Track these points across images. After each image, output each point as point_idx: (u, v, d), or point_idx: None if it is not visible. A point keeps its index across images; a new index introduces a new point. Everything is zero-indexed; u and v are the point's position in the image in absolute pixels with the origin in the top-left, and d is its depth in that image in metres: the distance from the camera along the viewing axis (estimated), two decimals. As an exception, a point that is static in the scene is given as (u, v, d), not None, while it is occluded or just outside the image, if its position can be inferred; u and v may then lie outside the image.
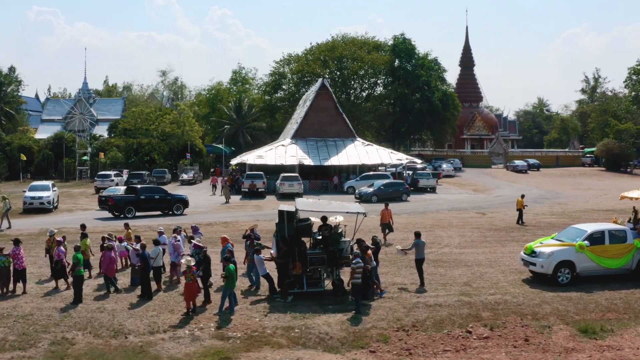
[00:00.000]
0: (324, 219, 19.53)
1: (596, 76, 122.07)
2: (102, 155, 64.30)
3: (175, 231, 20.70)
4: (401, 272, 21.07)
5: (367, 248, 17.97)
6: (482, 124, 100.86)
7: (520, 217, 32.57)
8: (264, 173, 50.46)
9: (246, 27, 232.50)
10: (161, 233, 21.14)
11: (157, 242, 19.24)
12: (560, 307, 17.06)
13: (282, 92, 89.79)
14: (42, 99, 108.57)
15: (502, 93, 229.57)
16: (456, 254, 24.38)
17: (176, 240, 20.16)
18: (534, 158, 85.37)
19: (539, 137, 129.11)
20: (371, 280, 17.72)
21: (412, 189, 50.26)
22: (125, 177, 56.13)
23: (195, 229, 21.94)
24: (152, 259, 18.59)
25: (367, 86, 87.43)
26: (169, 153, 69.34)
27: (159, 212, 36.81)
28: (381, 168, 60.56)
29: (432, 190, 53.25)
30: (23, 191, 40.46)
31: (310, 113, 58.11)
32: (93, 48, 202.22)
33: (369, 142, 60.89)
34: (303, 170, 52.41)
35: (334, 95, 61.24)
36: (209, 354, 13.67)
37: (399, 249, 21.13)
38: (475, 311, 16.65)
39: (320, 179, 55.05)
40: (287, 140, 57.73)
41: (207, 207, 41.44)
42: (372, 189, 45.97)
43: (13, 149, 66.99)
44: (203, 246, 18.55)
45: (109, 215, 35.71)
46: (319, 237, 19.27)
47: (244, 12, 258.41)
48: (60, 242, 19.40)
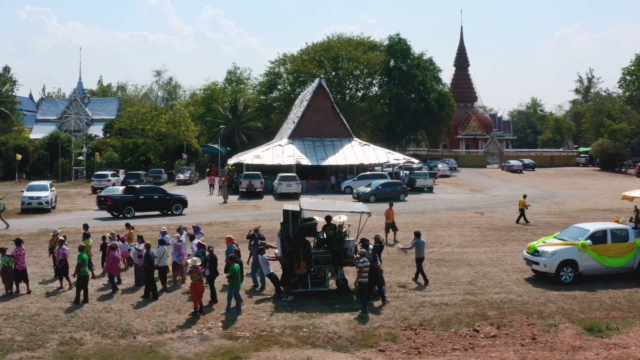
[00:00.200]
0: (328, 218, 19.56)
1: (590, 76, 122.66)
2: (98, 155, 64.03)
3: (178, 231, 20.64)
4: (404, 271, 21.11)
5: (375, 247, 18.10)
6: (477, 124, 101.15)
7: (523, 217, 32.68)
8: (261, 173, 50.43)
9: (238, 27, 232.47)
10: (164, 233, 21.11)
11: (162, 242, 19.22)
12: (565, 305, 17.16)
13: (277, 92, 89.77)
14: (36, 99, 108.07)
15: (496, 93, 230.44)
16: (458, 254, 24.45)
17: (178, 241, 20.15)
18: (529, 158, 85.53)
19: (533, 137, 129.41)
20: (378, 278, 17.76)
21: (409, 188, 50.38)
22: (121, 177, 55.94)
23: (196, 229, 21.92)
24: (157, 258, 18.60)
25: (362, 86, 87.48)
26: (164, 153, 69.14)
27: (157, 212, 36.77)
28: (377, 168, 60.62)
29: (429, 190, 53.33)
30: (21, 191, 40.29)
31: (308, 113, 58.08)
32: (85, 48, 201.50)
33: (365, 142, 60.94)
34: (300, 170, 52.37)
35: (331, 95, 61.25)
36: (219, 353, 13.68)
37: (400, 247, 21.25)
38: (481, 310, 16.72)
39: (318, 179, 55.06)
40: (284, 140, 57.67)
41: (206, 207, 41.37)
42: (370, 188, 46.01)
43: (8, 149, 66.57)
44: (210, 246, 18.55)
45: (107, 215, 35.61)
46: (323, 237, 19.33)
47: (236, 12, 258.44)
48: (62, 242, 19.34)
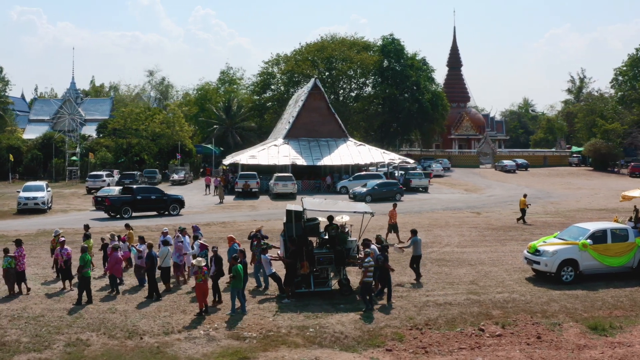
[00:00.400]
0: (331, 218, 19.60)
1: (581, 76, 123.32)
2: (92, 155, 63.81)
3: (182, 231, 20.59)
4: (406, 271, 21.14)
5: (383, 247, 18.31)
6: (470, 124, 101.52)
7: (523, 216, 32.87)
8: (257, 173, 50.39)
9: (229, 27, 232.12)
10: (166, 233, 21.04)
11: (166, 243, 19.17)
12: (568, 305, 17.28)
13: (270, 92, 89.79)
14: (27, 99, 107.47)
15: (488, 93, 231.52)
16: (458, 253, 24.55)
17: (179, 241, 20.11)
18: (522, 158, 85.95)
19: (525, 137, 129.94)
20: (388, 279, 17.83)
21: (405, 188, 50.49)
22: (116, 177, 55.73)
23: (195, 229, 21.90)
24: (160, 258, 18.59)
25: (356, 86, 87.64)
26: (158, 153, 68.95)
27: (155, 213, 36.67)
28: (372, 168, 60.72)
29: (425, 190, 53.52)
30: (17, 191, 40.10)
31: (303, 113, 58.10)
32: (76, 48, 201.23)
33: (361, 142, 61.02)
34: (295, 171, 52.39)
35: (326, 95, 61.28)
36: (227, 354, 13.68)
37: (397, 246, 21.33)
38: (486, 309, 16.81)
39: (313, 179, 55.10)
40: (279, 140, 57.65)
41: (202, 207, 41.32)
42: (366, 189, 46.11)
43: (1, 149, 66.20)
44: (214, 246, 18.56)
45: (104, 215, 35.49)
46: (326, 237, 19.37)
47: (227, 13, 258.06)
48: (63, 243, 19.27)
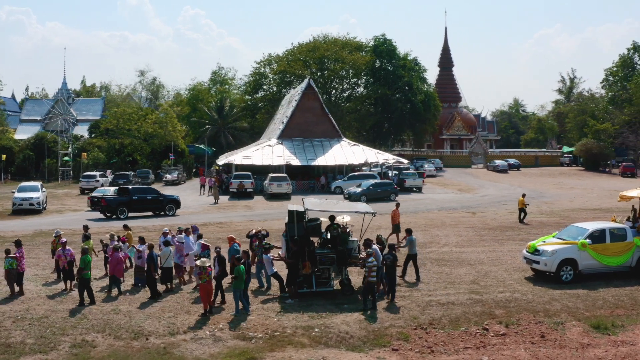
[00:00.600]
0: (332, 218, 19.65)
1: (572, 76, 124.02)
2: (85, 155, 63.52)
3: (185, 232, 20.56)
4: (407, 271, 21.21)
5: (391, 246, 18.48)
6: (462, 124, 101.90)
7: (523, 216, 33.05)
8: (251, 173, 50.35)
9: (219, 27, 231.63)
10: (166, 234, 20.98)
11: (167, 243, 19.12)
12: (569, 304, 17.41)
13: (262, 92, 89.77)
14: (18, 99, 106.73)
15: (479, 93, 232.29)
16: (457, 253, 24.66)
17: (180, 241, 20.07)
18: (514, 158, 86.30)
19: (516, 137, 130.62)
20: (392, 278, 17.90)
21: (399, 188, 50.60)
22: (109, 177, 55.47)
23: (194, 229, 21.86)
24: (160, 258, 18.57)
25: (348, 87, 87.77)
26: (150, 153, 68.71)
27: (150, 213, 36.55)
28: (365, 168, 60.79)
29: (419, 190, 53.68)
30: (11, 192, 39.84)
31: (297, 113, 58.15)
32: (67, 48, 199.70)
33: (355, 142, 61.11)
34: (289, 171, 52.38)
35: (319, 96, 61.35)
36: (235, 354, 13.68)
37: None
38: (488, 309, 16.90)
39: (307, 179, 55.12)
40: (273, 140, 57.63)
41: (198, 208, 41.23)
42: (361, 189, 46.18)
43: (-7, 149, 65.87)
44: (217, 246, 18.55)
45: (100, 216, 35.32)
46: (328, 237, 19.40)
47: (216, 12, 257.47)
48: (65, 243, 19.18)
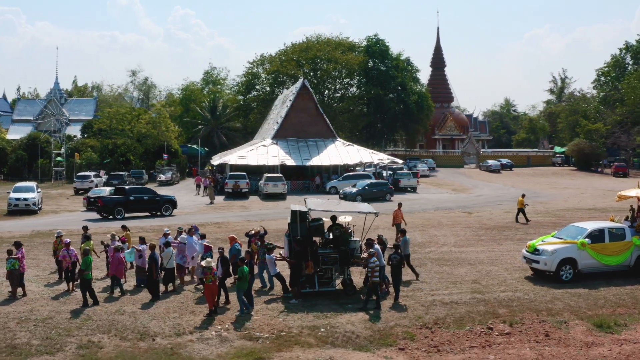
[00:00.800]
0: (334, 218, 19.71)
1: (563, 77, 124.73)
2: (78, 155, 63.22)
3: (189, 232, 20.52)
4: (407, 271, 21.25)
5: (397, 245, 18.66)
6: (454, 124, 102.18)
7: (524, 216, 33.22)
8: (246, 174, 50.28)
9: (209, 28, 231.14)
10: (167, 234, 20.95)
11: (168, 245, 19.09)
12: (571, 303, 17.55)
13: (255, 93, 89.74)
14: (9, 99, 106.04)
15: (470, 93, 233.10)
16: (456, 253, 24.77)
17: (181, 242, 20.06)
18: (506, 158, 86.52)
19: (507, 137, 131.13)
20: (397, 278, 17.99)
21: (393, 188, 50.69)
22: (103, 178, 55.24)
23: (195, 229, 21.82)
24: (164, 259, 18.54)
25: (340, 87, 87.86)
26: (144, 154, 68.50)
27: (147, 213, 36.47)
28: (359, 168, 60.83)
29: (413, 190, 53.80)
30: (7, 192, 39.62)
31: (291, 113, 58.11)
32: (58, 48, 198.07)
33: (349, 143, 61.18)
34: (283, 171, 52.34)
35: (314, 96, 61.39)
36: (242, 354, 13.69)
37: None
38: (492, 308, 17.01)
39: (302, 180, 55.13)
40: (268, 140, 57.58)
41: (193, 208, 41.14)
42: (356, 189, 46.22)
43: (-15, 150, 65.47)
44: (220, 247, 18.57)
45: (96, 216, 35.18)
46: (330, 237, 19.44)
47: (206, 12, 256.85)
48: (69, 244, 19.11)
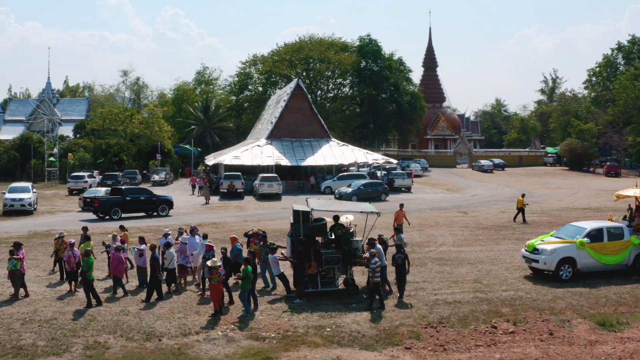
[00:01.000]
0: (337, 218, 19.75)
1: (554, 77, 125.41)
2: (72, 156, 62.92)
3: (191, 232, 20.49)
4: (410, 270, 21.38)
5: (400, 244, 18.68)
6: (446, 124, 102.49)
7: (523, 215, 33.40)
8: (241, 174, 50.25)
9: (199, 27, 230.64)
10: (168, 235, 20.88)
11: (168, 245, 19.04)
12: (573, 302, 17.69)
13: (248, 93, 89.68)
14: (0, 99, 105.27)
15: (462, 93, 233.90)
16: (455, 252, 24.87)
17: (183, 242, 20.03)
18: (498, 158, 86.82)
19: (498, 137, 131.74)
20: (402, 277, 18.08)
21: (388, 188, 50.79)
22: (97, 178, 55.01)
23: (194, 229, 21.79)
24: (167, 260, 18.52)
25: (333, 86, 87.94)
26: (137, 154, 68.32)
27: (143, 214, 36.40)
28: (352, 169, 60.91)
29: (408, 190, 53.98)
30: (2, 193, 39.39)
31: (286, 113, 58.14)
32: (45, 48, 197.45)
33: (343, 143, 61.26)
34: (278, 171, 52.32)
35: (308, 96, 61.44)
36: (250, 354, 13.71)
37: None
38: (495, 307, 17.11)
39: (297, 180, 55.16)
40: (262, 140, 57.58)
41: (189, 208, 41.08)
42: (352, 189, 46.30)
43: (-23, 150, 65.00)
44: (223, 247, 18.57)
45: (92, 216, 35.02)
46: (332, 237, 19.49)
47: (196, 13, 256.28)
48: (73, 244, 19.05)
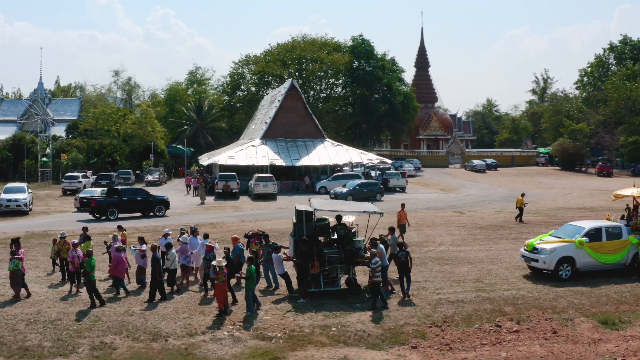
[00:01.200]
0: (339, 218, 19.80)
1: (545, 77, 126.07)
2: (65, 156, 62.66)
3: (193, 233, 20.49)
4: (413, 270, 21.44)
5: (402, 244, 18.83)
6: (438, 124, 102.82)
7: (520, 215, 33.60)
8: (236, 174, 50.22)
9: (189, 27, 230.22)
10: (168, 235, 20.82)
11: (170, 246, 19.01)
12: (575, 300, 17.83)
13: (240, 93, 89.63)
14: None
15: (453, 94, 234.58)
16: (454, 252, 24.98)
17: (183, 242, 20.01)
18: (490, 158, 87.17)
19: (490, 137, 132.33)
20: (407, 274, 18.18)
21: (383, 188, 50.89)
22: (91, 178, 54.79)
23: (193, 229, 21.77)
24: (169, 260, 18.51)
25: (326, 87, 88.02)
26: (130, 154, 68.11)
27: (139, 214, 36.30)
28: (345, 169, 60.99)
29: (402, 190, 54.14)
30: (-3, 193, 39.21)
31: (280, 113, 58.17)
32: (35, 48, 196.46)
33: (338, 143, 61.33)
34: (272, 171, 52.30)
35: (303, 96, 61.48)
36: (257, 354, 13.73)
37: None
38: (498, 306, 17.21)
39: (291, 180, 55.17)
40: (257, 140, 57.57)
41: (185, 209, 41.01)
42: (347, 189, 46.36)
43: (-31, 150, 64.58)
44: (226, 247, 18.58)
45: (88, 217, 34.90)
46: (334, 237, 19.54)
47: (186, 13, 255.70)
48: (76, 245, 18.99)
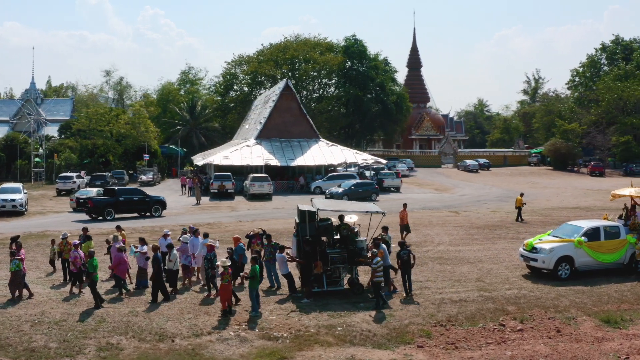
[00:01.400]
0: (342, 218, 19.87)
1: (537, 77, 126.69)
2: (57, 156, 62.36)
3: (195, 233, 20.49)
4: (414, 270, 21.50)
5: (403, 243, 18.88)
6: (430, 124, 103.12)
7: (520, 215, 33.84)
8: (231, 174, 50.17)
9: (179, 27, 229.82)
10: (168, 235, 20.77)
11: (171, 247, 18.98)
12: (576, 299, 17.97)
13: (233, 93, 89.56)
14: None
15: (445, 94, 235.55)
16: (453, 252, 25.09)
17: (184, 242, 20.01)
18: (483, 158, 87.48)
19: (481, 137, 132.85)
20: (407, 274, 18.27)
21: (378, 188, 50.98)
22: (85, 178, 54.55)
23: (196, 231, 21.77)
24: (171, 261, 18.49)
25: (319, 87, 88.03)
26: (123, 154, 67.90)
27: (136, 214, 36.22)
28: (339, 169, 61.09)
29: (397, 189, 54.28)
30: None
31: (274, 113, 58.16)
32: (25, 48, 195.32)
33: (332, 143, 61.39)
34: (267, 171, 52.27)
35: (297, 96, 61.50)
36: (265, 354, 13.75)
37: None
38: (500, 306, 17.33)
39: (286, 180, 55.18)
40: (251, 140, 57.54)
41: (180, 209, 40.93)
42: (342, 189, 46.41)
43: (-39, 151, 64.17)
44: (228, 247, 18.59)
45: (85, 217, 34.78)
46: (337, 237, 19.60)
47: (176, 12, 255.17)
48: (77, 245, 18.94)
